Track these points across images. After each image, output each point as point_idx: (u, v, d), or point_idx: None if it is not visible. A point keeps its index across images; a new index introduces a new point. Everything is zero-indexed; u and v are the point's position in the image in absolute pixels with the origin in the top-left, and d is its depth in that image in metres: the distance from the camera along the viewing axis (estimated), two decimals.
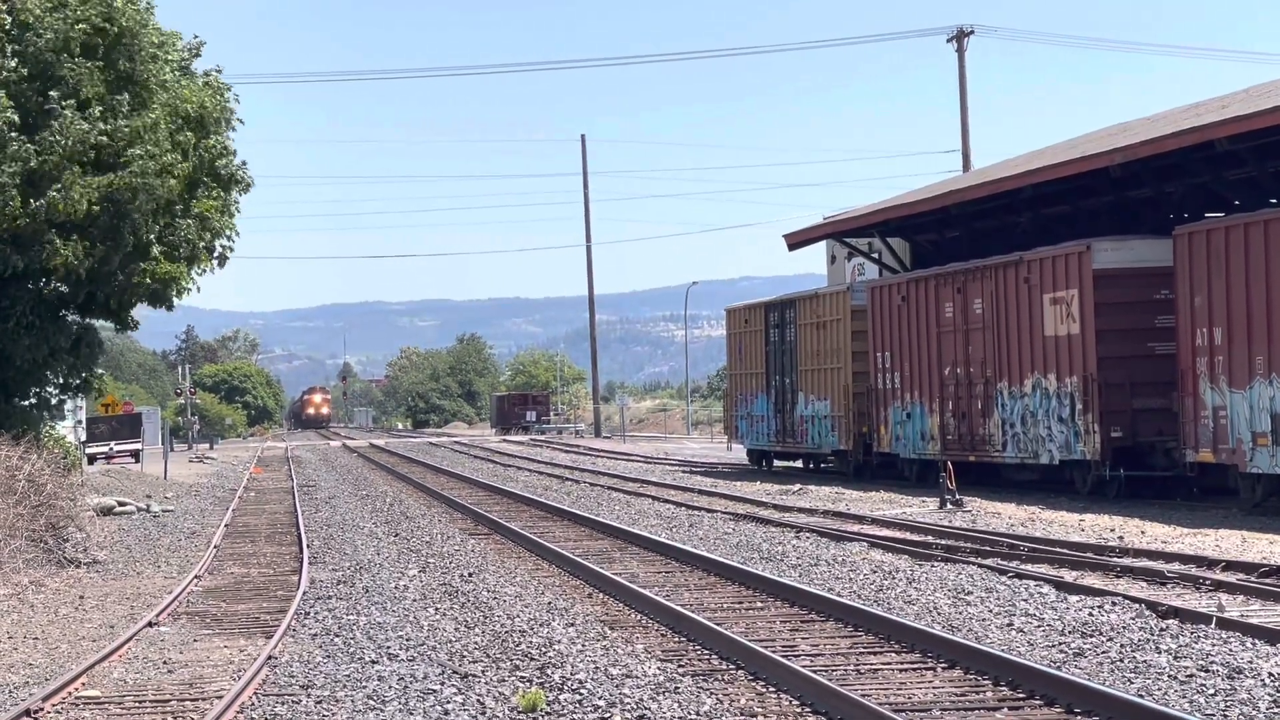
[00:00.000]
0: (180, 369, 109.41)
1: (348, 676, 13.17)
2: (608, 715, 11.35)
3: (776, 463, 46.58)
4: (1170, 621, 14.65)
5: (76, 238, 29.07)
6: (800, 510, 29.67)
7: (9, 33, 29.11)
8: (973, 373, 34.09)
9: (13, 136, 28.11)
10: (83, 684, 13.29)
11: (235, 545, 26.56)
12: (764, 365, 44.90)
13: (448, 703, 11.90)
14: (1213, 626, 14.21)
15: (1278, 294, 25.21)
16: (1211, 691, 11.52)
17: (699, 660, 13.61)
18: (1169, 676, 12.12)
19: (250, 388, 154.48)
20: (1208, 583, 17.24)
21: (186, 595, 19.53)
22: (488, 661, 13.73)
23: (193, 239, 31.57)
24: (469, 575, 20.48)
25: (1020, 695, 11.56)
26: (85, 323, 33.03)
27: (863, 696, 11.31)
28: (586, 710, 11.52)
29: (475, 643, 14.80)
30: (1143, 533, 23.51)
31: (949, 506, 28.83)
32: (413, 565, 22.05)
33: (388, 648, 14.59)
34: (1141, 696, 11.23)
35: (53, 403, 33.71)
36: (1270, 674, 12.00)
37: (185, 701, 12.52)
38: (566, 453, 67.09)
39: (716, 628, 14.52)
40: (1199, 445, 27.16)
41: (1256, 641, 13.42)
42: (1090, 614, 15.24)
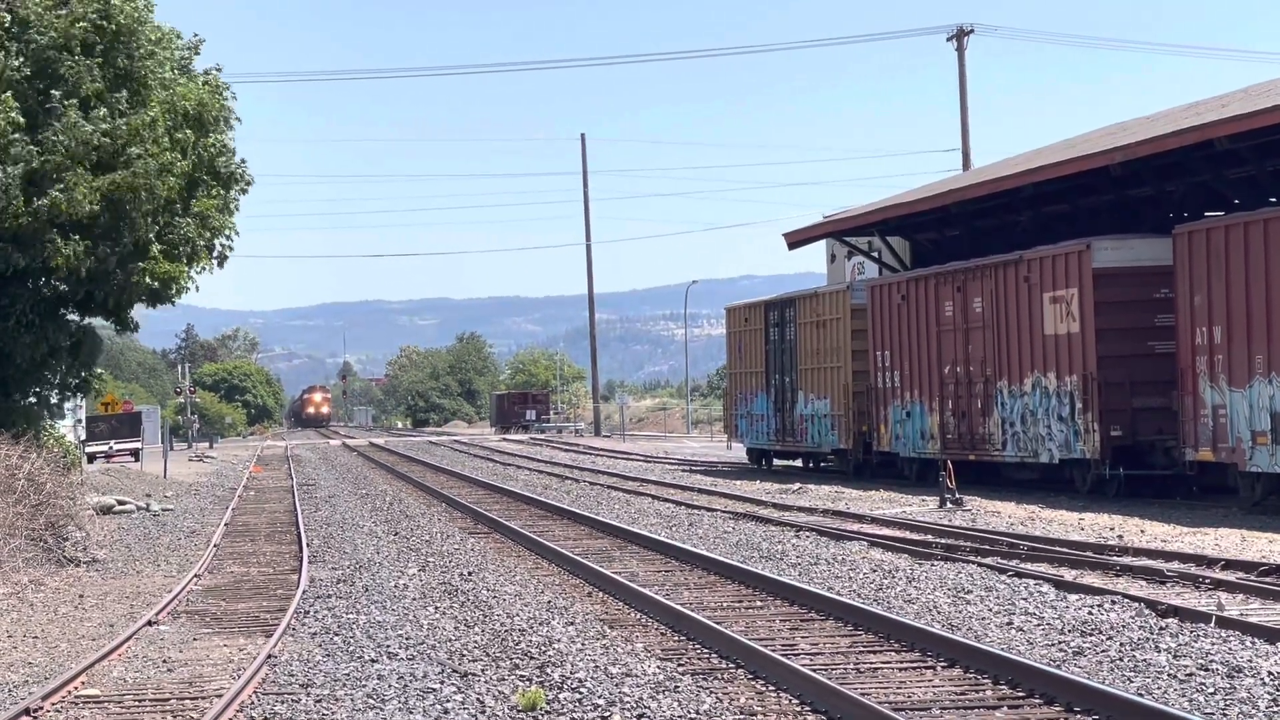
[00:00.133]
0: (180, 368, 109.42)
1: (347, 675, 13.17)
2: (607, 714, 11.35)
3: (776, 462, 46.58)
4: (1170, 620, 14.65)
5: (77, 237, 29.05)
6: (800, 509, 29.67)
7: (9, 31, 29.08)
8: (972, 372, 34.09)
9: (15, 138, 28.09)
10: (82, 683, 13.29)
11: (235, 544, 26.57)
12: (764, 364, 44.90)
13: (447, 701, 11.90)
14: (1212, 625, 14.21)
15: (1277, 293, 25.22)
16: (1211, 690, 11.52)
17: (699, 659, 13.61)
18: (1168, 675, 12.12)
19: (250, 387, 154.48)
20: (1207, 581, 17.24)
21: (186, 594, 19.53)
22: (487, 660, 13.73)
23: (192, 238, 31.57)
24: (469, 574, 20.48)
25: (1020, 694, 11.56)
26: (84, 323, 33.04)
27: (862, 695, 11.31)
28: (586, 709, 11.51)
29: (475, 641, 14.80)
30: (1142, 531, 23.52)
31: (949, 505, 28.83)
32: (412, 564, 22.06)
33: (387, 646, 14.59)
34: (1141, 695, 11.24)
35: (52, 402, 33.71)
36: (1270, 673, 12.00)
37: (185, 700, 12.52)
38: (566, 451, 67.10)
39: (716, 626, 14.52)
40: (1199, 444, 27.17)
41: (1256, 640, 13.42)
42: (1090, 613, 15.24)
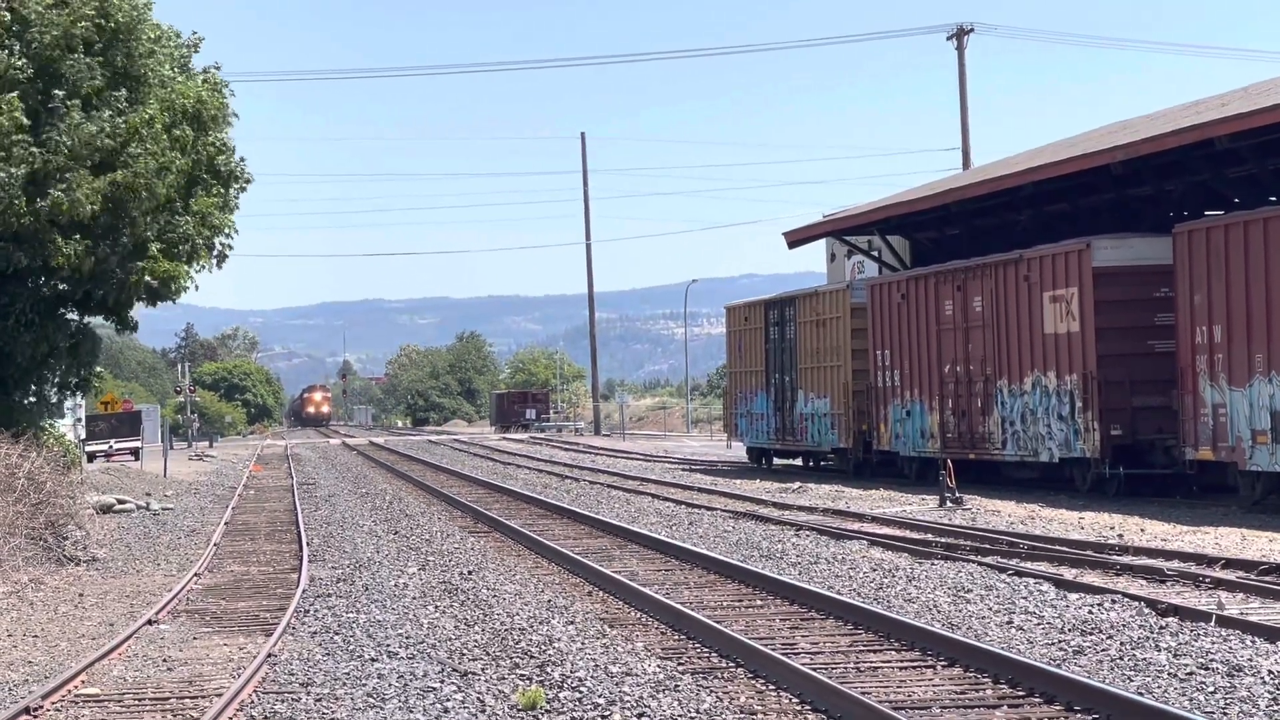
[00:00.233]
0: (180, 367, 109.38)
1: (347, 674, 13.17)
2: (607, 713, 11.34)
3: (776, 461, 46.58)
4: (1170, 619, 14.65)
5: (77, 236, 29.05)
6: (800, 508, 29.67)
7: (10, 29, 29.04)
8: (972, 370, 34.09)
9: (18, 139, 28.07)
10: (82, 682, 13.29)
11: (235, 543, 26.57)
12: (764, 363, 44.90)
13: (447, 700, 11.90)
14: (1212, 624, 14.21)
15: (1277, 292, 25.22)
16: (1211, 689, 11.52)
17: (699, 658, 13.61)
18: (1169, 674, 12.12)
19: (250, 386, 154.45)
20: (1207, 580, 17.23)
21: (186, 593, 19.53)
22: (487, 659, 13.73)
23: (192, 236, 31.57)
24: (469, 573, 20.48)
25: (1020, 693, 11.56)
26: (84, 322, 33.04)
27: (863, 694, 11.31)
28: (586, 708, 11.51)
29: (475, 640, 14.80)
30: (1142, 530, 23.52)
31: (949, 504, 28.83)
32: (412, 563, 22.05)
33: (387, 645, 14.59)
34: (1141, 694, 11.23)
35: (52, 400, 33.71)
36: (1270, 672, 12.00)
37: (185, 699, 12.52)
38: (566, 451, 67.10)
39: (716, 626, 14.52)
40: (1198, 443, 27.17)
41: (1256, 639, 13.41)
42: (1090, 612, 15.24)
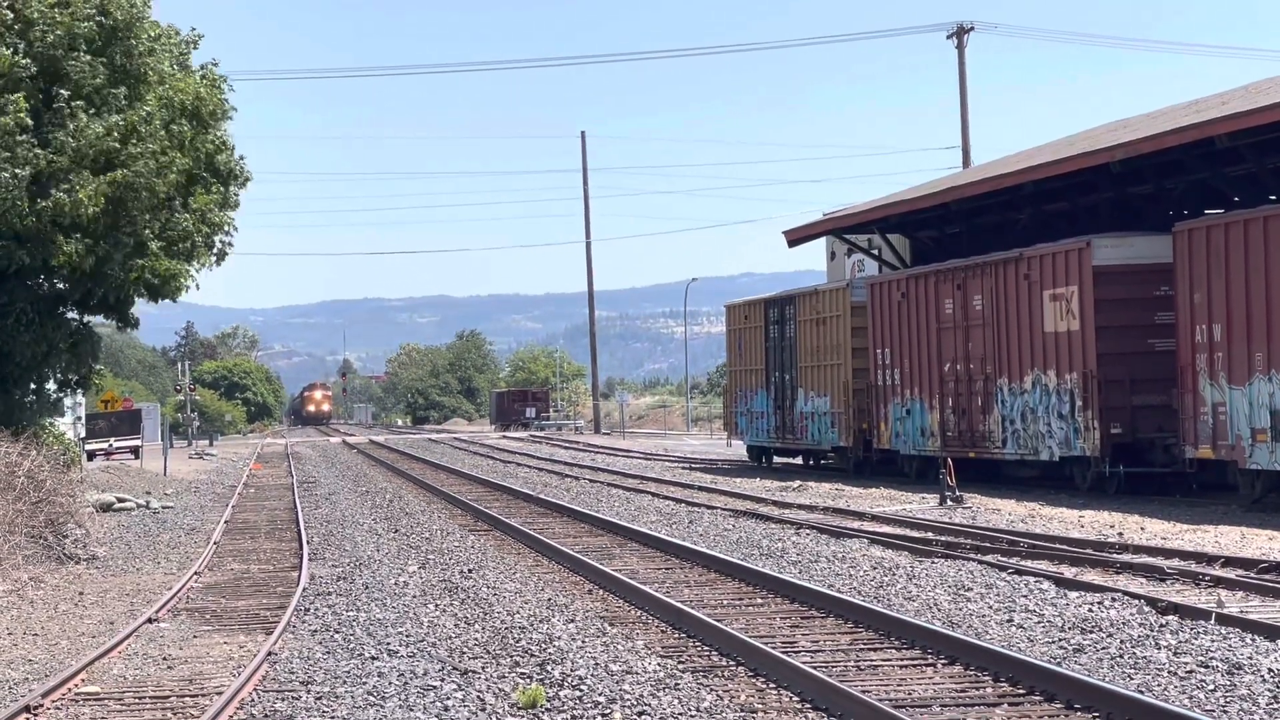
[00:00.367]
0: (180, 365, 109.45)
1: (348, 672, 13.17)
2: (608, 711, 11.34)
3: (776, 459, 46.59)
4: (1170, 617, 14.65)
5: (78, 235, 29.06)
6: (800, 507, 29.67)
7: (12, 28, 29.01)
8: (972, 369, 34.10)
9: (22, 139, 28.07)
10: (82, 680, 13.29)
11: (235, 541, 26.56)
12: (764, 361, 44.90)
13: (448, 699, 11.90)
14: (1212, 622, 14.21)
15: (1277, 290, 25.22)
16: (1211, 687, 11.52)
17: (699, 656, 13.61)
18: (1169, 672, 12.12)
19: (250, 384, 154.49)
20: (1207, 579, 17.24)
21: (186, 591, 19.53)
22: (488, 658, 13.73)
23: (191, 233, 31.58)
24: (469, 571, 20.48)
25: (1020, 691, 11.56)
26: (84, 321, 33.05)
27: (863, 693, 11.31)
28: (586, 706, 11.51)
29: (475, 639, 14.80)
30: (1142, 529, 23.52)
31: (949, 503, 28.83)
32: (412, 561, 22.05)
33: (388, 644, 14.59)
34: (1141, 692, 11.23)
35: (52, 399, 33.72)
36: (1270, 670, 12.00)
37: (185, 698, 12.52)
38: (566, 449, 67.11)
39: (716, 624, 14.52)
40: (1198, 442, 27.17)
41: (1256, 637, 13.41)
42: (1090, 610, 15.24)
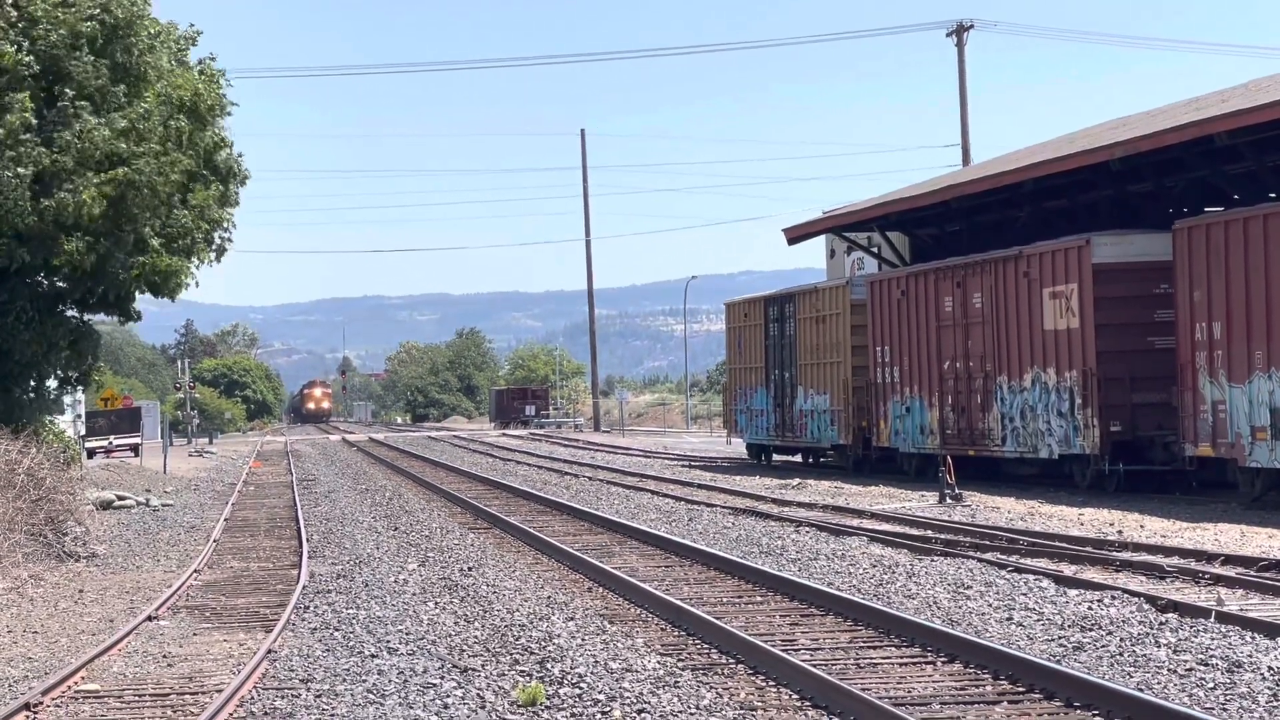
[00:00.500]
0: (179, 363, 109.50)
1: (347, 670, 13.17)
2: (608, 709, 11.34)
3: (776, 457, 46.59)
4: (1170, 615, 14.64)
5: (79, 234, 29.06)
6: (800, 504, 29.67)
7: (17, 27, 28.97)
8: (972, 367, 34.09)
9: (25, 138, 28.06)
10: (82, 678, 13.29)
11: (235, 539, 26.57)
12: (763, 359, 44.90)
13: (447, 697, 11.91)
14: (1212, 620, 14.21)
15: (1277, 288, 25.21)
16: (1211, 685, 11.52)
17: (699, 654, 13.61)
18: (1168, 670, 12.13)
19: (249, 382, 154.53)
20: (1207, 577, 17.23)
21: (186, 589, 19.53)
22: (487, 656, 13.73)
23: (191, 230, 31.58)
24: (468, 569, 20.48)
25: (1020, 689, 11.56)
26: (83, 319, 33.05)
27: (863, 690, 11.31)
28: (586, 704, 11.51)
29: (475, 637, 14.80)
30: (1142, 527, 23.52)
31: (948, 501, 28.83)
32: (412, 559, 22.05)
33: (387, 642, 14.59)
34: (1141, 690, 11.23)
35: (51, 397, 33.73)
36: (1270, 668, 12.00)
37: (185, 695, 12.52)
38: (565, 447, 67.12)
39: (716, 622, 14.52)
40: (1198, 439, 27.17)
41: (1256, 635, 13.41)
42: (1090, 608, 15.24)
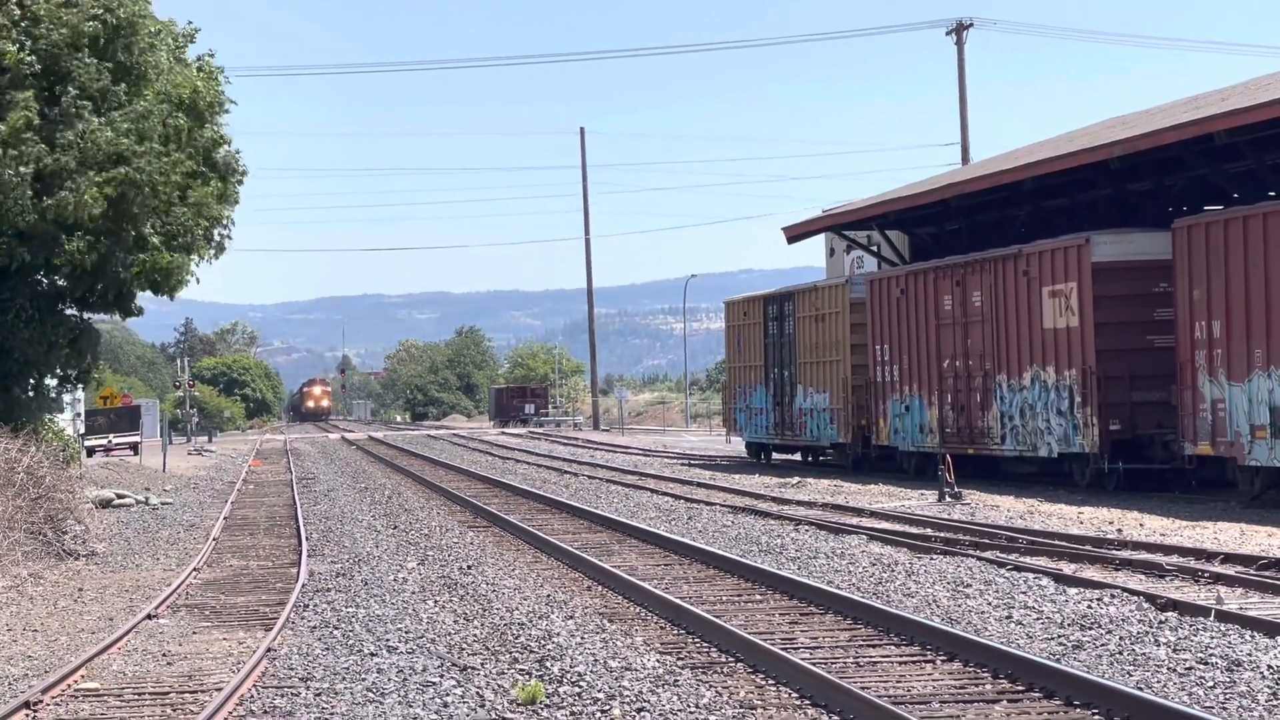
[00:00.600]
0: (179, 361, 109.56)
1: (347, 669, 13.17)
2: (607, 707, 11.34)
3: (775, 455, 46.59)
4: (1169, 614, 14.64)
5: (80, 234, 29.06)
6: (799, 503, 29.67)
7: (19, 26, 28.94)
8: (971, 365, 34.09)
9: (27, 137, 28.05)
10: (82, 676, 13.29)
11: (234, 538, 26.57)
12: (763, 358, 44.90)
13: (447, 695, 11.90)
14: (1211, 619, 14.21)
15: (1277, 287, 25.22)
16: (1211, 684, 11.52)
17: (698, 653, 13.61)
18: (1168, 669, 12.13)
19: (249, 380, 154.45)
20: (1206, 575, 17.23)
21: (185, 587, 19.53)
22: (487, 654, 13.74)
23: (190, 227, 31.58)
24: (468, 568, 20.49)
25: (1019, 688, 11.56)
26: (83, 318, 33.05)
27: (862, 689, 11.31)
28: (586, 702, 11.51)
29: (474, 635, 14.80)
30: (1141, 525, 23.52)
31: (947, 499, 28.83)
32: (411, 558, 22.05)
33: (387, 640, 14.59)
34: (1141, 689, 11.23)
35: (51, 395, 33.73)
36: (1270, 666, 12.00)
37: (184, 693, 12.52)
38: (565, 445, 67.12)
39: (716, 620, 14.52)
40: (1197, 438, 27.17)
41: (1255, 634, 13.41)
42: (1089, 606, 15.25)
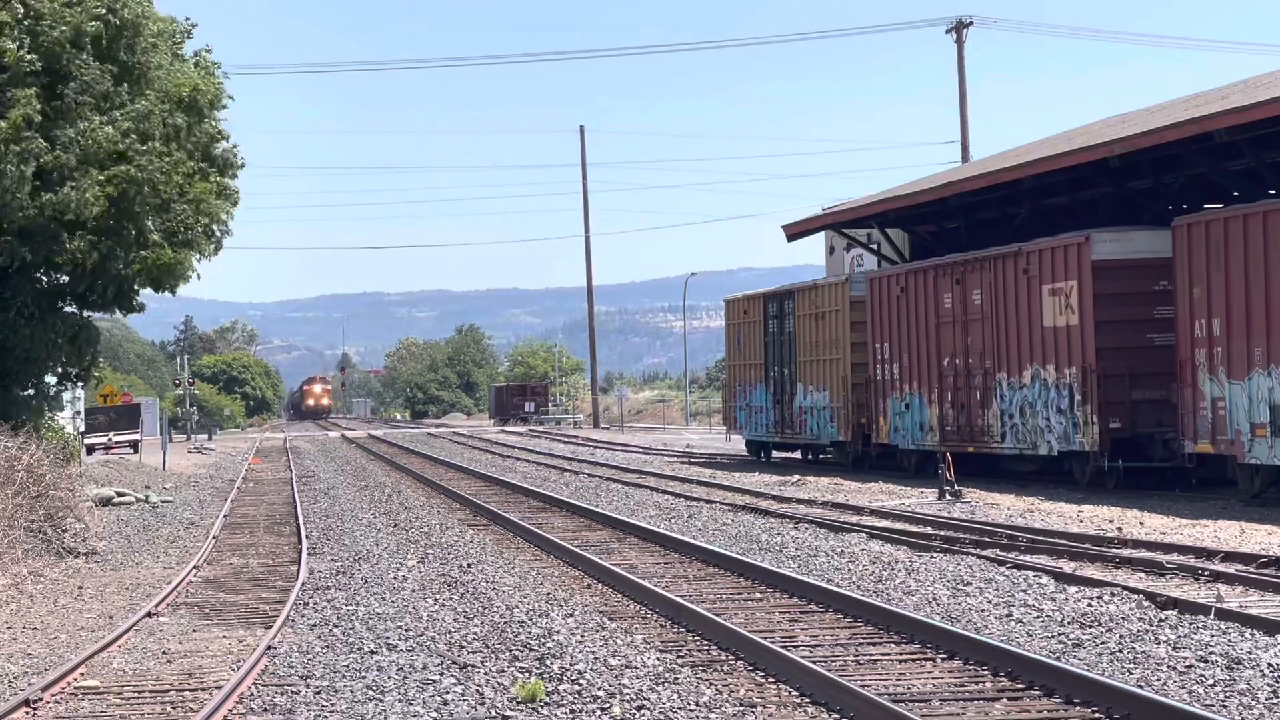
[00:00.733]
0: (179, 360, 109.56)
1: (347, 667, 13.17)
2: (607, 706, 11.34)
3: (775, 454, 46.58)
4: (1169, 612, 14.64)
5: (82, 233, 29.04)
6: (799, 501, 29.67)
7: (22, 23, 28.92)
8: (971, 364, 34.09)
9: (27, 134, 28.04)
10: (82, 674, 13.29)
11: (234, 536, 26.57)
12: (763, 356, 44.90)
13: (447, 693, 11.90)
14: (1211, 617, 14.21)
15: (1277, 285, 25.22)
16: (1210, 682, 11.52)
17: (698, 651, 13.61)
18: (1168, 667, 12.13)
19: (249, 378, 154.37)
20: (1206, 573, 17.24)
21: (185, 586, 19.54)
22: (487, 652, 13.74)
23: (190, 223, 31.59)
24: (468, 566, 20.49)
25: (1019, 686, 11.57)
26: (83, 317, 33.05)
27: (862, 687, 11.31)
28: (586, 701, 11.51)
29: (474, 633, 14.81)
30: (1141, 523, 23.52)
31: (947, 497, 28.83)
32: (411, 556, 22.06)
33: (387, 638, 14.59)
34: (1141, 687, 11.24)
35: (51, 393, 33.73)
36: (1269, 665, 12.00)
37: (184, 691, 12.52)
38: (565, 443, 67.11)
39: (716, 618, 14.52)
40: (1197, 436, 27.17)
41: (1255, 632, 13.42)
42: (1089, 605, 15.25)
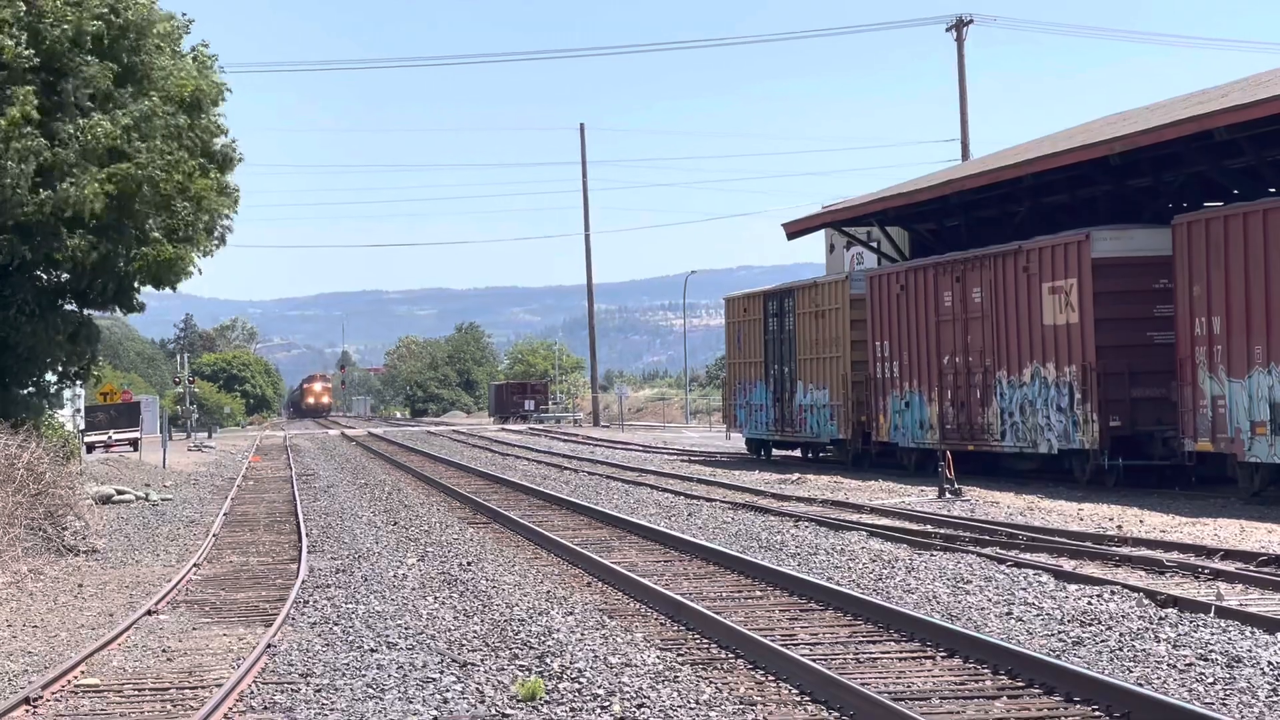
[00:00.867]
0: (179, 358, 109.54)
1: (347, 665, 13.18)
2: (607, 704, 11.35)
3: (775, 452, 46.58)
4: (1169, 610, 14.65)
5: (81, 231, 29.03)
6: (799, 499, 29.67)
7: (22, 21, 28.90)
8: (971, 362, 34.09)
9: (27, 131, 28.03)
10: (82, 672, 13.30)
11: (234, 534, 26.57)
12: (763, 354, 44.90)
13: (447, 691, 11.91)
14: (1211, 615, 14.22)
15: (1277, 283, 25.22)
16: (1210, 680, 11.53)
17: (698, 649, 13.61)
18: (1168, 665, 12.13)
19: (249, 376, 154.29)
20: (1206, 572, 17.25)
21: (185, 583, 19.54)
22: (487, 650, 13.74)
23: (191, 220, 31.58)
24: (468, 564, 20.49)
25: (1019, 684, 11.57)
26: (84, 315, 33.05)
27: (862, 685, 11.32)
28: (586, 699, 11.52)
29: (474, 631, 14.81)
30: (1141, 522, 23.53)
31: (948, 496, 28.84)
32: (411, 554, 22.06)
33: (387, 636, 14.59)
34: (1140, 685, 11.24)
35: (51, 391, 33.72)
36: (1270, 663, 12.01)
37: (184, 689, 12.53)
38: (565, 442, 67.11)
39: (716, 616, 14.53)
40: (1197, 434, 27.17)
41: (1255, 630, 13.42)
42: (1089, 603, 15.25)
